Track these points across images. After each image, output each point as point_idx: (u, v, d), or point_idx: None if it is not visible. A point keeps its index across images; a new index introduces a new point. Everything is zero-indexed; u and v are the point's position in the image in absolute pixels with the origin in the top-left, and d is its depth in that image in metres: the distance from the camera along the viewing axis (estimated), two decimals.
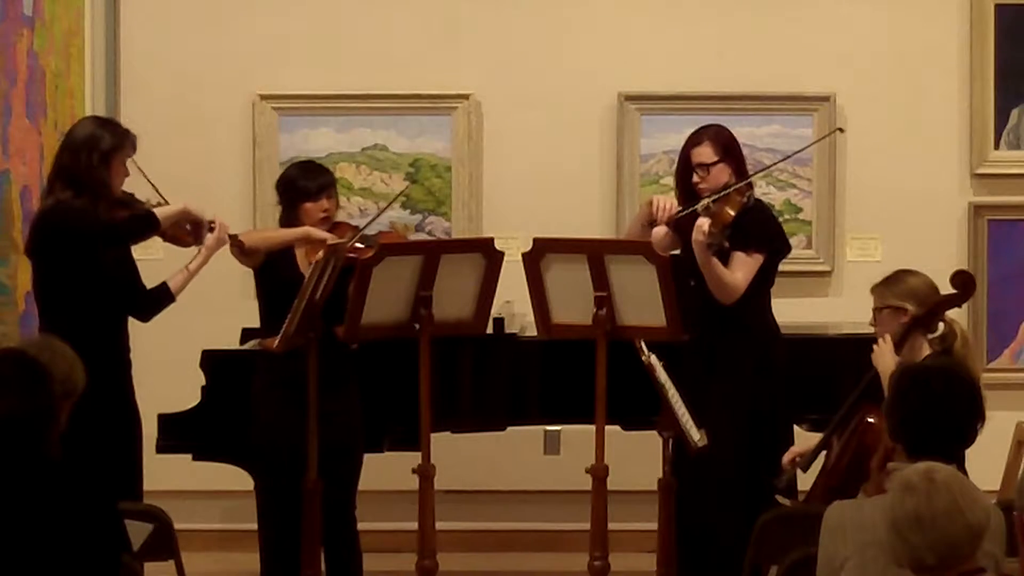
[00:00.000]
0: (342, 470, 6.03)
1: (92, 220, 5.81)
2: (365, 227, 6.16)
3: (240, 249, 6.05)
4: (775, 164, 6.79)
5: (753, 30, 7.61)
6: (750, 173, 6.29)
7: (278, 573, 6.07)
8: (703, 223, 5.90)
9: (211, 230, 6.04)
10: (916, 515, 3.46)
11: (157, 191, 5.98)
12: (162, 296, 6.03)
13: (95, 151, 5.84)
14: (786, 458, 5.83)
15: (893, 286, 5.49)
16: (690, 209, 6.04)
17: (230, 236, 6.04)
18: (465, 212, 7.59)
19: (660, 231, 6.17)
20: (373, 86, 7.57)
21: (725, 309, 6.05)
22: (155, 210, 5.91)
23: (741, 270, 6.05)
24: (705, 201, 6.02)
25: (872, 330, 5.66)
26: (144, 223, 5.90)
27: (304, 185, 6.07)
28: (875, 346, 5.46)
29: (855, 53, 7.60)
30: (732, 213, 5.96)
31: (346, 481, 6.08)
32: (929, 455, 3.84)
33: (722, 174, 6.11)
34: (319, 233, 6.02)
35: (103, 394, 5.52)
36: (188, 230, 6.02)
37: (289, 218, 6.12)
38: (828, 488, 5.47)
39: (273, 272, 6.04)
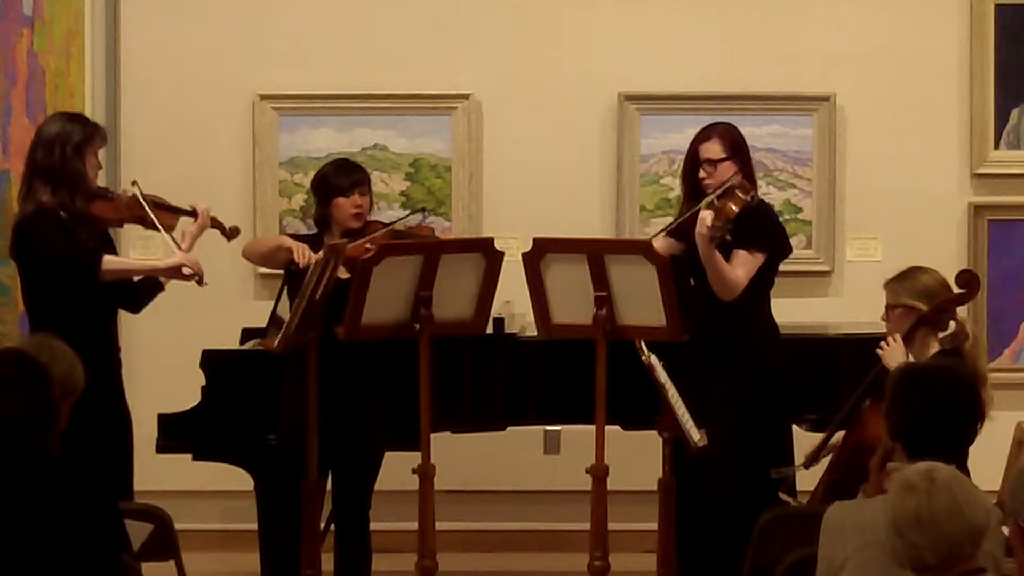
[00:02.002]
0: (361, 469, 6.03)
1: (39, 245, 5.82)
2: (393, 224, 6.16)
3: (221, 232, 6.07)
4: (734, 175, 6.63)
5: (753, 30, 7.60)
6: (752, 173, 6.28)
7: (278, 573, 6.07)
8: (705, 216, 5.90)
9: (193, 215, 6.07)
10: (917, 515, 3.45)
11: (142, 198, 5.99)
12: (151, 285, 6.04)
13: (68, 145, 5.87)
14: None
15: (907, 283, 5.50)
16: (694, 209, 6.02)
17: (215, 223, 6.06)
18: (465, 212, 7.59)
19: (663, 237, 6.18)
20: (373, 86, 7.57)
21: (725, 309, 6.05)
22: (111, 260, 5.89)
23: (742, 267, 6.05)
24: (710, 197, 6.02)
25: (873, 329, 5.67)
26: (82, 267, 5.85)
27: (337, 182, 6.10)
28: (885, 344, 5.45)
29: (855, 53, 7.60)
30: (736, 209, 5.95)
31: (364, 480, 6.07)
32: (929, 455, 3.84)
33: (728, 171, 6.11)
34: (288, 242, 6.04)
35: (91, 392, 5.53)
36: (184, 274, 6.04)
37: (323, 214, 6.15)
38: (827, 483, 5.47)
39: (295, 272, 6.04)
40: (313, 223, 6.30)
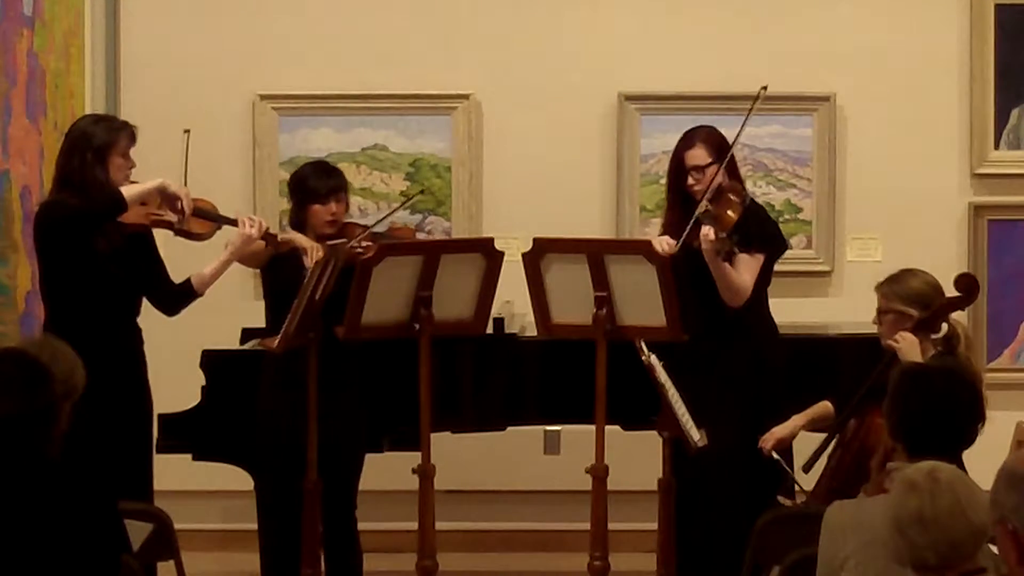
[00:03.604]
0: (343, 470, 6.03)
1: (61, 209, 5.80)
2: (374, 226, 6.15)
3: (270, 243, 6.03)
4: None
5: (753, 30, 7.61)
6: (750, 174, 6.28)
7: (278, 573, 6.07)
8: (708, 232, 5.87)
9: (233, 224, 6.05)
10: (919, 514, 3.45)
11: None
12: (186, 292, 6.04)
13: (88, 150, 5.84)
14: (768, 444, 5.82)
15: (898, 288, 5.48)
16: (692, 221, 5.99)
17: (267, 236, 6.01)
18: (465, 212, 7.59)
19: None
20: (373, 86, 7.57)
21: (724, 309, 6.05)
22: (125, 188, 5.86)
23: (747, 271, 6.05)
24: (703, 205, 6.00)
25: (873, 329, 5.66)
26: (108, 202, 5.82)
27: (314, 186, 6.07)
28: (900, 337, 5.42)
29: (855, 53, 7.60)
30: (735, 216, 5.94)
31: (347, 481, 6.08)
32: (929, 455, 3.84)
33: (716, 175, 6.09)
34: (305, 241, 6.01)
35: (110, 389, 5.54)
36: (177, 207, 5.98)
37: (298, 217, 6.13)
38: (830, 488, 5.47)
39: (279, 272, 6.03)
40: (289, 225, 6.26)
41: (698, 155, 6.12)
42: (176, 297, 6.07)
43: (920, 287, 5.49)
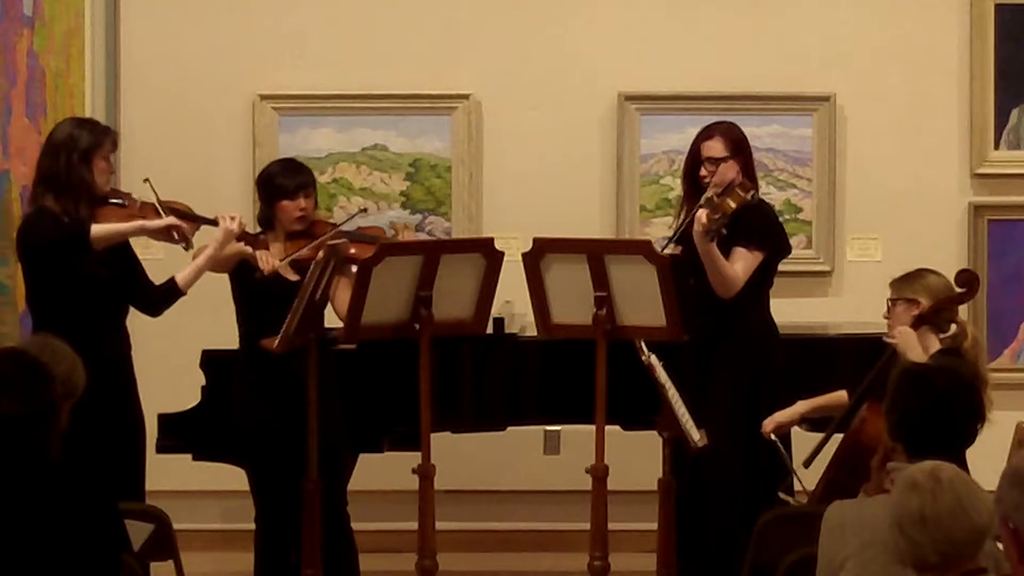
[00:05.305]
0: (332, 469, 6.01)
1: (37, 231, 5.80)
2: (342, 224, 6.15)
3: (252, 244, 6.02)
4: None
5: (753, 30, 7.61)
6: (754, 173, 6.30)
7: (267, 570, 6.06)
8: (701, 214, 5.90)
9: (214, 224, 6.03)
10: (921, 514, 3.45)
11: (158, 203, 5.97)
12: (171, 291, 6.03)
13: (74, 151, 5.83)
14: (767, 427, 5.84)
15: (911, 282, 5.53)
16: (695, 209, 6.00)
17: (245, 235, 5.99)
18: (465, 212, 7.59)
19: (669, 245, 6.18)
20: (373, 86, 7.57)
21: (724, 309, 6.05)
22: (96, 227, 5.81)
23: (741, 264, 6.05)
24: (709, 193, 6.02)
25: (873, 329, 5.67)
26: (75, 236, 5.78)
27: (282, 183, 6.06)
28: (896, 334, 5.43)
29: (855, 53, 7.61)
30: (733, 205, 5.96)
31: (337, 480, 6.06)
32: (929, 455, 3.84)
33: (730, 171, 6.10)
34: (249, 251, 5.97)
35: (99, 394, 5.52)
36: (173, 236, 5.98)
37: (267, 215, 6.12)
38: (827, 482, 5.48)
39: (247, 276, 6.02)
40: (257, 222, 6.25)
41: (715, 147, 6.13)
42: (161, 297, 6.04)
43: (933, 282, 5.54)
